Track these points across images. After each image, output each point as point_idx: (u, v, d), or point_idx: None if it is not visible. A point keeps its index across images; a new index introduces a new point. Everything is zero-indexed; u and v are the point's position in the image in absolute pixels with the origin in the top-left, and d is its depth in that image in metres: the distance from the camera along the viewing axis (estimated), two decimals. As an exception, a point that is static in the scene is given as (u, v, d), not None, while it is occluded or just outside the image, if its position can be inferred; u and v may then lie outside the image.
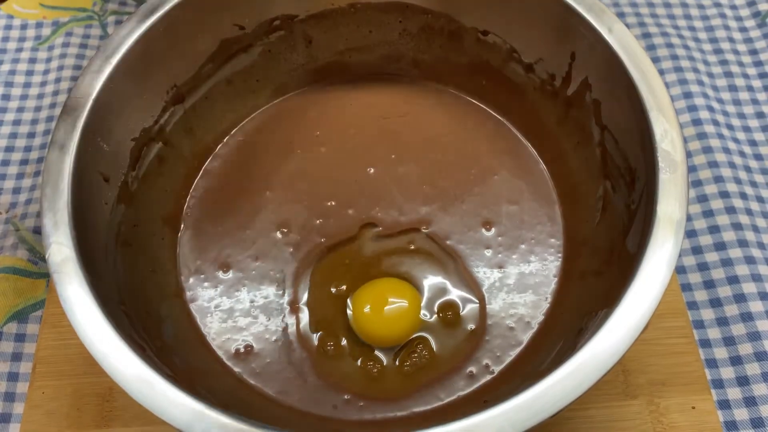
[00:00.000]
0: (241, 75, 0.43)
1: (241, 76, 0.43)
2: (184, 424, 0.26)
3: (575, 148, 0.40)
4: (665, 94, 0.32)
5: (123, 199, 0.36)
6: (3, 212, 0.47)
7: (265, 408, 0.35)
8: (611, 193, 0.37)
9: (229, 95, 0.43)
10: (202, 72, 0.41)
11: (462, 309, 0.38)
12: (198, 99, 0.41)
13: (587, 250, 0.38)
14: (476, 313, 0.38)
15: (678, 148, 0.31)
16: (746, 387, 0.39)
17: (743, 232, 0.43)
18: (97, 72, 0.35)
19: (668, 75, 0.51)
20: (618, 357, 0.27)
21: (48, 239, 0.30)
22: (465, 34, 0.42)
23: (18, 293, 0.43)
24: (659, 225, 0.29)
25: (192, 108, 0.41)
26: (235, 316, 0.39)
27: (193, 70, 0.40)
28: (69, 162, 0.32)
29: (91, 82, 0.34)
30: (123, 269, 0.35)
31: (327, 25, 0.43)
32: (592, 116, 0.38)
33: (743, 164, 0.47)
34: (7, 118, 0.51)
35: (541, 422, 0.26)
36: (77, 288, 0.29)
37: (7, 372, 0.41)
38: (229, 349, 0.38)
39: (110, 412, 0.39)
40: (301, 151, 0.44)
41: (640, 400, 0.38)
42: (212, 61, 0.41)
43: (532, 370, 0.34)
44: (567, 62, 0.38)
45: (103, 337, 0.28)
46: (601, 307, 0.30)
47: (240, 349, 0.38)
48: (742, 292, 0.41)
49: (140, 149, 0.38)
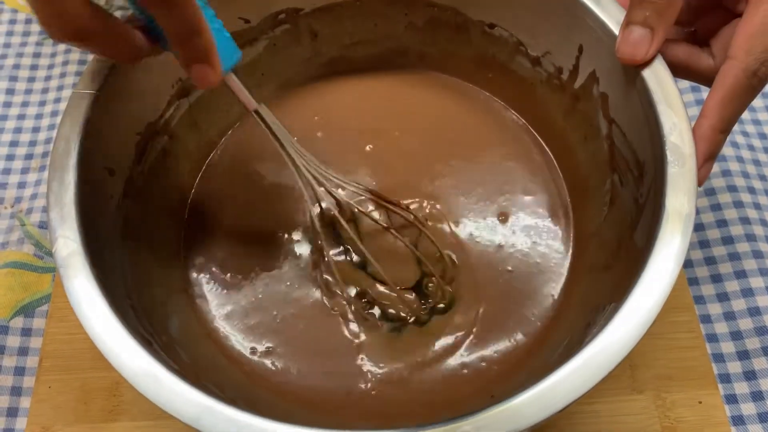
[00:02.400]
0: (246, 69, 0.43)
1: (245, 70, 0.43)
2: (191, 418, 0.26)
3: (582, 142, 0.40)
4: (674, 87, 0.32)
5: (129, 194, 0.36)
6: (8, 207, 0.47)
7: (271, 402, 0.35)
8: (619, 186, 0.36)
9: None
10: None
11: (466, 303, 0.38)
12: (202, 93, 0.41)
13: (595, 244, 0.38)
14: (480, 310, 0.38)
15: (687, 141, 0.31)
16: (753, 381, 0.39)
17: (751, 226, 0.43)
18: (101, 66, 0.34)
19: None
20: (626, 351, 0.27)
21: (54, 233, 0.30)
22: (471, 27, 0.42)
23: (24, 288, 0.43)
24: (668, 219, 0.29)
25: (197, 102, 0.41)
26: (243, 309, 0.39)
27: None
28: (75, 156, 0.32)
29: (96, 76, 0.34)
30: (129, 263, 0.35)
31: (332, 18, 0.43)
32: (599, 109, 0.37)
33: (752, 158, 0.46)
34: (11, 113, 0.51)
35: (550, 416, 0.26)
36: (84, 282, 0.29)
37: (14, 366, 0.41)
38: (237, 343, 0.38)
39: (117, 406, 0.39)
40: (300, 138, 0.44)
41: (647, 394, 0.38)
42: None
43: (539, 365, 0.34)
44: (574, 55, 0.38)
45: (110, 332, 0.28)
46: (609, 301, 0.30)
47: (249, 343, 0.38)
48: (750, 287, 0.41)
49: (145, 143, 0.38)
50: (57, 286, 0.43)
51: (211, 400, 0.27)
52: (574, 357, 0.27)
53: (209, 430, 0.26)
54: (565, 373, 0.27)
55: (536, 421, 0.26)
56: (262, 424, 0.26)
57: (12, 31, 0.54)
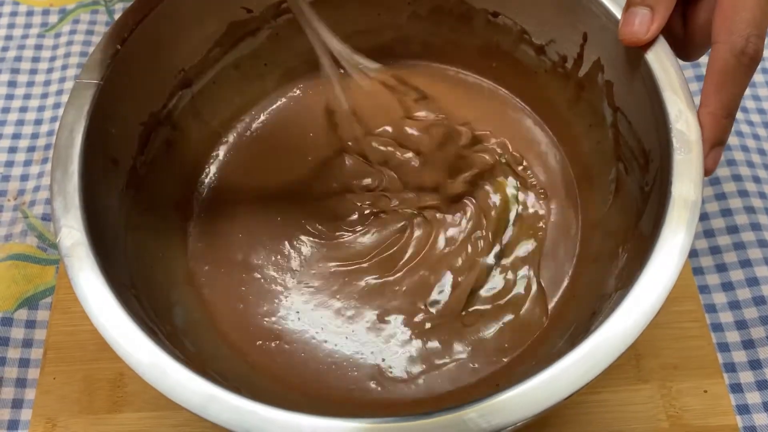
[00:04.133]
0: (249, 59, 0.43)
1: (248, 61, 0.43)
2: (198, 407, 0.26)
3: (587, 130, 0.40)
4: (680, 74, 0.32)
5: (132, 184, 0.36)
6: (12, 199, 0.47)
7: (277, 392, 0.35)
8: (624, 175, 0.36)
9: (236, 79, 0.43)
10: (209, 56, 0.41)
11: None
12: (206, 83, 0.41)
13: (600, 233, 0.38)
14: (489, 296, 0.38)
15: (693, 128, 0.31)
16: (759, 371, 0.39)
17: (756, 215, 0.43)
18: (105, 56, 0.34)
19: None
20: (633, 338, 0.27)
21: (58, 223, 0.30)
22: (475, 15, 0.42)
23: (28, 280, 0.43)
24: (674, 206, 0.29)
25: (200, 92, 0.41)
26: (247, 300, 0.38)
27: (201, 54, 0.40)
28: (78, 145, 0.32)
29: (99, 66, 0.34)
30: (133, 254, 0.34)
31: (334, 7, 0.43)
32: (604, 98, 0.37)
33: (757, 147, 0.46)
34: (14, 105, 0.51)
35: (555, 404, 0.26)
36: (89, 272, 0.29)
37: (19, 358, 0.41)
38: (242, 333, 0.37)
39: (121, 397, 0.39)
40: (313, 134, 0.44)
41: (652, 384, 0.38)
42: (220, 45, 0.41)
43: (545, 353, 0.34)
44: (579, 43, 0.38)
45: (115, 322, 0.28)
46: (615, 289, 0.30)
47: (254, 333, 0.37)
48: (755, 276, 0.41)
49: (148, 133, 0.38)
50: (61, 278, 0.43)
51: (217, 388, 0.27)
52: (580, 345, 0.27)
53: (215, 418, 0.26)
54: (572, 361, 0.26)
55: (543, 409, 0.26)
56: (268, 412, 0.26)
57: (14, 24, 0.54)
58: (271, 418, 0.26)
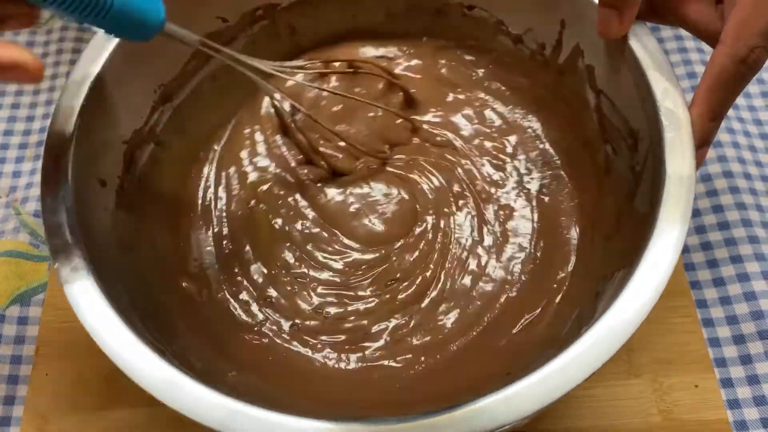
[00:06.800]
0: (226, 69, 0.41)
1: (225, 71, 0.41)
2: (219, 423, 0.26)
3: (571, 115, 0.40)
4: (661, 53, 0.32)
5: (122, 204, 0.36)
6: (3, 196, 0.46)
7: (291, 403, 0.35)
8: (612, 156, 0.36)
9: (215, 91, 0.43)
10: (186, 69, 0.40)
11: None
12: (185, 97, 0.41)
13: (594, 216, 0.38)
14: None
15: (680, 106, 0.31)
16: (749, 365, 0.39)
17: (747, 212, 0.43)
18: (82, 77, 0.34)
19: (672, 56, 0.50)
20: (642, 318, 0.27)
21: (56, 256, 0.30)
22: (450, 10, 0.42)
23: (20, 276, 0.43)
24: (670, 182, 0.29)
25: (180, 106, 0.41)
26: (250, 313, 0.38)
27: (178, 67, 0.40)
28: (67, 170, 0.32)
29: (78, 87, 0.34)
30: (131, 275, 0.34)
31: (310, 10, 0.43)
32: (586, 82, 0.37)
33: (747, 144, 0.46)
34: (5, 101, 0.50)
35: (570, 390, 0.26)
36: (92, 298, 0.29)
37: (11, 355, 0.40)
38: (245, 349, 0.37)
39: (114, 393, 0.39)
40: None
41: (644, 378, 0.38)
42: (196, 58, 0.40)
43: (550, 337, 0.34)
44: (557, 30, 0.38)
45: (125, 344, 0.28)
46: (618, 268, 0.30)
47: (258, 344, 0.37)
48: (746, 271, 0.41)
49: (132, 151, 0.38)
50: (53, 275, 0.43)
51: (238, 403, 0.26)
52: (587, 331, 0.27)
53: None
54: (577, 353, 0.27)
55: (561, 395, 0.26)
56: (292, 421, 0.26)
57: (5, 20, 0.54)
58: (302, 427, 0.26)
